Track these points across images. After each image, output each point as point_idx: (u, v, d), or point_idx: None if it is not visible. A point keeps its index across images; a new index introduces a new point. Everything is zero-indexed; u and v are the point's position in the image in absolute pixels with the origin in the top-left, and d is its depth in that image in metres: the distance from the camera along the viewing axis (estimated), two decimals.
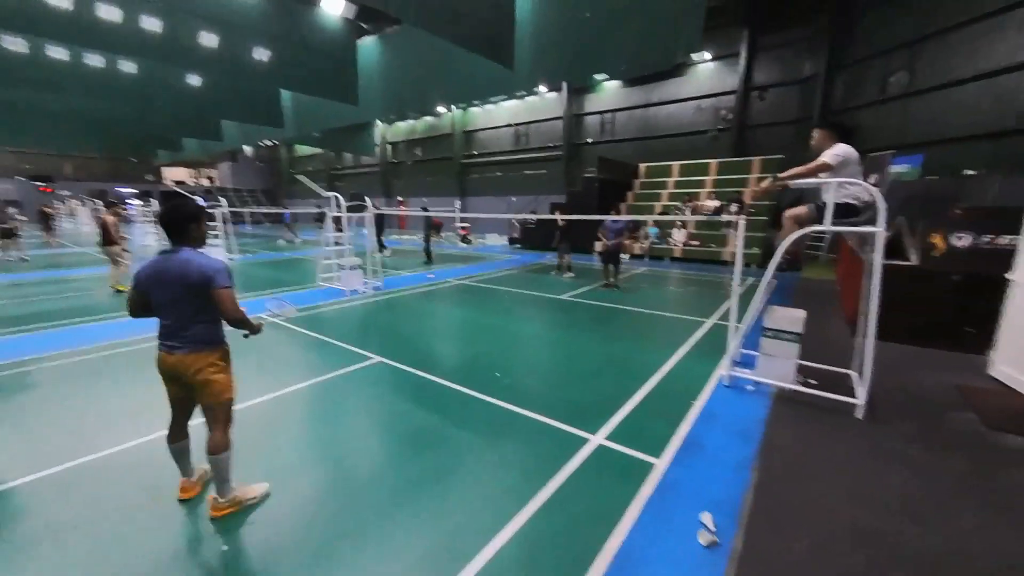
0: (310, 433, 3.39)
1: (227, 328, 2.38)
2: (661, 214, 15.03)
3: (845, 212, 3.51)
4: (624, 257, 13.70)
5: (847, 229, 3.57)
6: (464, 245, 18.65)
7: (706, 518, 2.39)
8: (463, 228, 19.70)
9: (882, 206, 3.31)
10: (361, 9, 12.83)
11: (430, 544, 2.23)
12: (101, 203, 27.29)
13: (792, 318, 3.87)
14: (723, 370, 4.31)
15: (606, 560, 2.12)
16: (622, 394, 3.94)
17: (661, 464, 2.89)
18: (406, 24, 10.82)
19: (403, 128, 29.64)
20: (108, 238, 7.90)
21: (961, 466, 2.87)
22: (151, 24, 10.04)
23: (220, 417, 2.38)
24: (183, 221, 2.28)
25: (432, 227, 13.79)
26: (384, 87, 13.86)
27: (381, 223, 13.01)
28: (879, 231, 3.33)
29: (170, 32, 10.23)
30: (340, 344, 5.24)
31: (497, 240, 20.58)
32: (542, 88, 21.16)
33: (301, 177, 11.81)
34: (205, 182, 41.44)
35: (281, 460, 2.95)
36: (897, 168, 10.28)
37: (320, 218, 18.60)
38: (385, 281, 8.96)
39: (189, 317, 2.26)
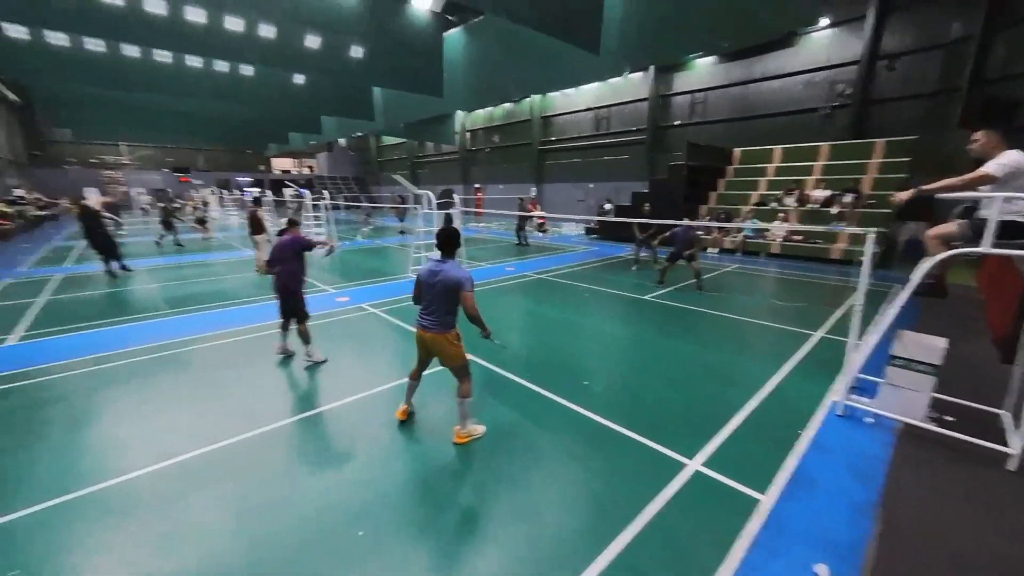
0: (410, 430, 3.67)
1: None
2: (757, 205, 13.76)
3: (1012, 232, 2.93)
4: (712, 251, 12.83)
5: (1015, 253, 2.94)
6: (540, 234, 18.65)
7: (822, 571, 2.22)
8: (540, 218, 19.65)
9: None
10: (448, 2, 13.06)
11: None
12: (224, 192, 31.20)
13: (929, 347, 3.38)
14: (836, 395, 3.91)
15: None
16: (720, 414, 3.75)
17: (767, 500, 2.72)
18: (489, 14, 10.84)
19: (481, 116, 30.04)
20: (257, 228, 9.17)
21: None
22: (267, 31, 11.12)
23: (461, 375, 3.32)
24: (453, 242, 3.29)
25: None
26: (467, 78, 14.12)
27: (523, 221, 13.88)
28: None
29: (282, 38, 11.25)
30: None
31: (573, 229, 20.29)
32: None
33: (397, 176, 12.56)
34: (306, 171, 45.70)
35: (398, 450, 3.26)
36: None
37: (401, 211, 19.67)
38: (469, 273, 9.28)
39: (444, 308, 3.21)
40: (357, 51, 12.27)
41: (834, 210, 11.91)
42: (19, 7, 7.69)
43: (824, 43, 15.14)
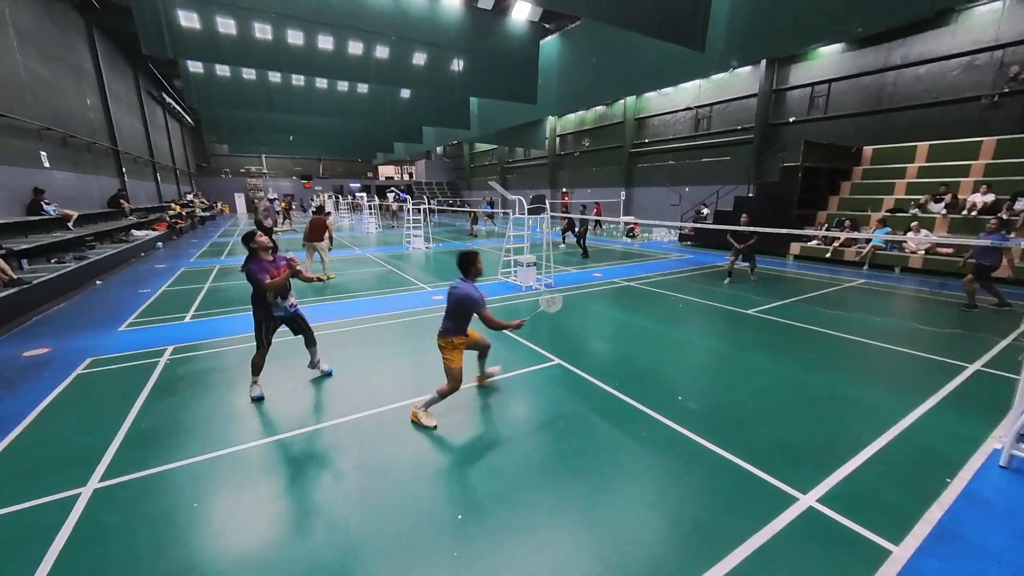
0: (505, 429, 3.83)
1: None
2: (893, 211, 11.90)
3: None
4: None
5: None
6: (628, 240, 18.09)
7: None
8: (631, 223, 19.05)
9: None
10: (545, 10, 13.29)
11: None
12: (338, 197, 34.92)
13: None
14: (1000, 442, 3.26)
15: None
16: (841, 448, 3.34)
17: (901, 552, 2.37)
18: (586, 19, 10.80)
19: (572, 120, 29.98)
20: (317, 235, 9.66)
21: None
22: (382, 52, 12.31)
23: (447, 373, 3.71)
24: (467, 264, 3.70)
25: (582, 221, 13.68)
26: (561, 83, 14.22)
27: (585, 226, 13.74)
28: None
29: (393, 58, 12.36)
30: (522, 342, 5.71)
31: (665, 235, 19.34)
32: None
33: (492, 182, 13.10)
34: (407, 177, 49.53)
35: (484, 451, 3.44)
36: None
37: (491, 214, 20.22)
38: (556, 278, 9.37)
39: (453, 318, 3.68)
40: (458, 65, 13.05)
41: (1003, 217, 9.81)
42: (201, 49, 9.52)
43: (992, 18, 12.60)
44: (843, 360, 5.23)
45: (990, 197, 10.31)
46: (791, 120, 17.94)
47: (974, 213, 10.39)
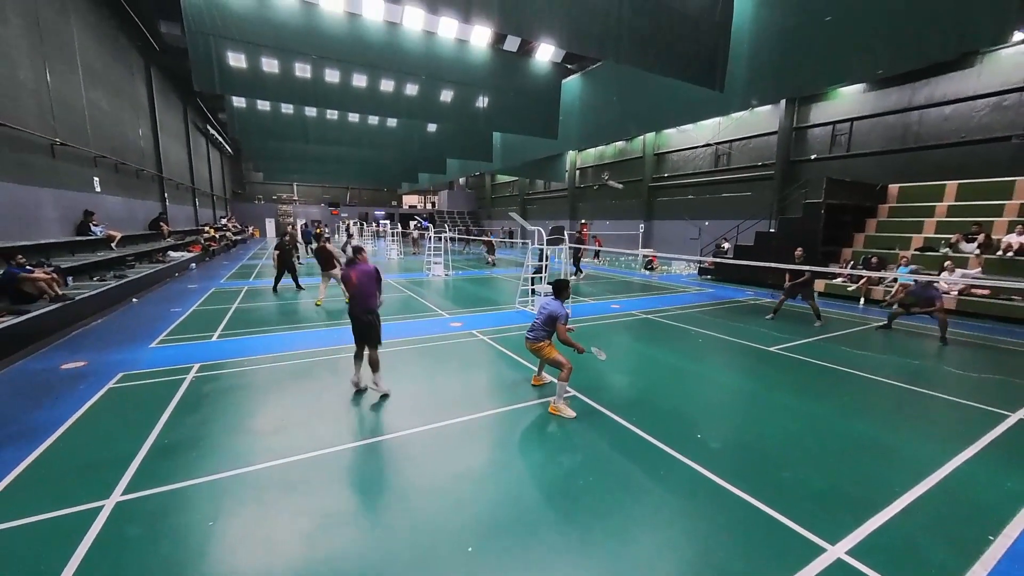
0: (520, 460, 3.78)
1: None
2: (923, 250, 11.60)
3: None
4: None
5: None
6: (647, 272, 18.01)
7: None
8: (650, 256, 19.02)
9: None
10: (568, 52, 13.89)
11: None
12: (363, 224, 35.93)
13: None
14: None
15: None
16: (873, 497, 3.17)
17: None
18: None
19: (592, 154, 30.61)
20: (332, 263, 9.96)
21: None
22: (411, 90, 12.99)
23: (556, 366, 4.55)
24: (561, 288, 4.77)
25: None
26: (582, 120, 14.66)
27: (577, 250, 13.80)
28: None
29: (422, 94, 13.01)
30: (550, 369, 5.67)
31: (684, 269, 19.20)
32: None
33: (512, 213, 13.40)
34: (430, 206, 50.95)
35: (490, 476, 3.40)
36: None
37: (510, 235, 20.42)
38: (572, 308, 9.36)
39: (541, 328, 4.60)
40: (483, 101, 13.64)
41: None
42: (246, 86, 10.28)
43: (1019, 60, 12.55)
44: (872, 402, 5.01)
45: None
46: (813, 157, 17.92)
47: (1010, 254, 10.03)
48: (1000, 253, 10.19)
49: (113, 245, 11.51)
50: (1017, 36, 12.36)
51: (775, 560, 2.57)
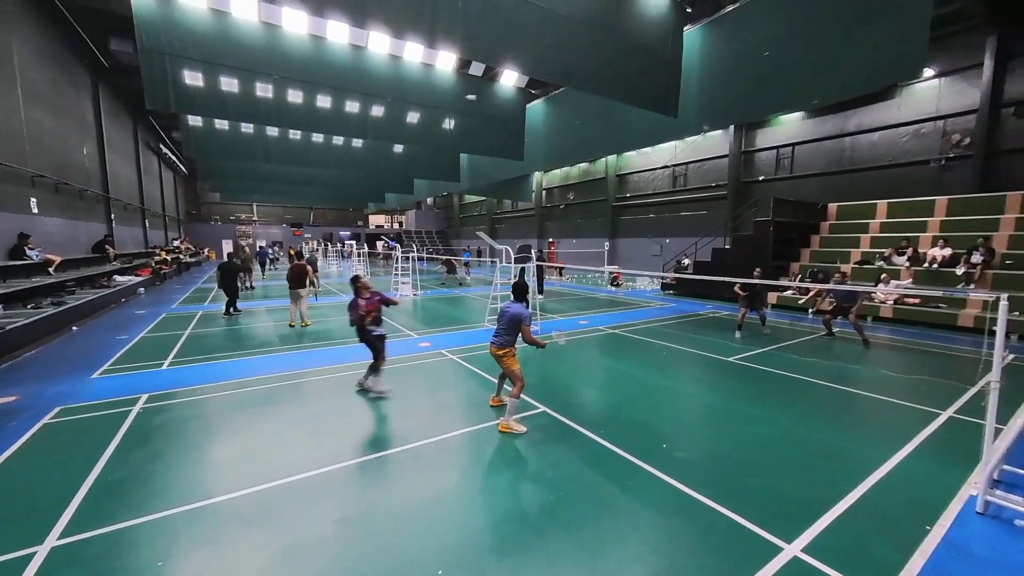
0: (489, 478, 3.76)
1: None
2: (860, 263, 12.55)
3: None
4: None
5: None
6: (613, 288, 18.48)
7: None
8: (615, 272, 19.58)
9: None
10: (531, 78, 14.41)
11: None
12: (327, 244, 35.18)
13: None
14: (975, 489, 3.33)
15: None
16: (824, 496, 3.36)
17: None
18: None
19: (558, 175, 31.47)
20: (304, 283, 9.75)
21: None
22: (377, 111, 13.04)
23: (513, 379, 4.58)
24: (522, 293, 4.72)
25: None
26: (546, 142, 15.15)
27: (541, 270, 13.95)
28: None
29: (389, 116, 13.08)
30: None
31: (648, 284, 19.84)
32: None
33: (480, 233, 13.52)
34: (397, 225, 50.48)
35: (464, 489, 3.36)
36: None
37: (479, 254, 20.45)
38: (542, 325, 9.47)
39: (506, 333, 4.57)
40: (450, 124, 13.86)
41: (959, 270, 10.46)
42: (204, 105, 10.01)
43: (931, 93, 14.08)
44: (823, 407, 5.33)
45: (947, 251, 11.02)
46: (761, 178, 19.19)
47: (935, 265, 11.04)
48: (927, 265, 11.18)
49: (51, 270, 10.71)
50: (927, 72, 13.92)
51: (735, 557, 2.69)
